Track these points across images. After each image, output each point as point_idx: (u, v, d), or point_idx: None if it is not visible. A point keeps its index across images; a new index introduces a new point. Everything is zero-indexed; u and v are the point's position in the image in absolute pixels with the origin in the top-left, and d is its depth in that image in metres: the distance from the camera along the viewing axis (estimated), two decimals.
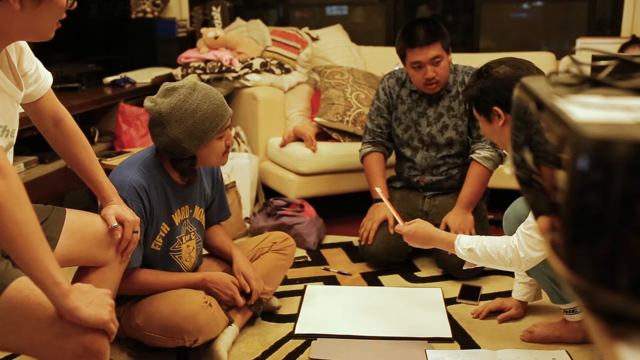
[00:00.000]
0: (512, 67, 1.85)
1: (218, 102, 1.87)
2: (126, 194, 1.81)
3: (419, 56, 2.52)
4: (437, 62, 2.53)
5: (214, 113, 1.84)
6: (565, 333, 2.00)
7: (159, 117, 1.82)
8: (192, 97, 1.82)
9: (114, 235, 1.64)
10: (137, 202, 1.83)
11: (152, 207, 1.88)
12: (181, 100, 1.81)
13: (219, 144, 1.90)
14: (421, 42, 2.51)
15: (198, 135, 1.83)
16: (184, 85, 1.85)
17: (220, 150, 1.91)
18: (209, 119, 1.83)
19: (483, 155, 2.54)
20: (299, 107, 3.43)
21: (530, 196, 0.77)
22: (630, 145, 0.50)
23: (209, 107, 1.83)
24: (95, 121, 3.33)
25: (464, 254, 1.92)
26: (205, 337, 1.90)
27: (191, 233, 2.04)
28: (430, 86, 2.58)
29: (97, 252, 1.63)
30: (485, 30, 4.07)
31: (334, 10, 4.40)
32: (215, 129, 1.85)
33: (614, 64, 0.73)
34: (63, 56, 3.40)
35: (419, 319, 2.21)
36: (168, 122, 1.81)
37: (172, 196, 1.95)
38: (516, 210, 1.97)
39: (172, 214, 1.96)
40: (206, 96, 1.84)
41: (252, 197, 3.21)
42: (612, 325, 0.55)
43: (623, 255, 0.51)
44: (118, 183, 1.81)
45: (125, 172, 1.86)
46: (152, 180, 1.89)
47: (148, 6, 3.99)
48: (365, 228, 2.67)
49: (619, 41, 3.28)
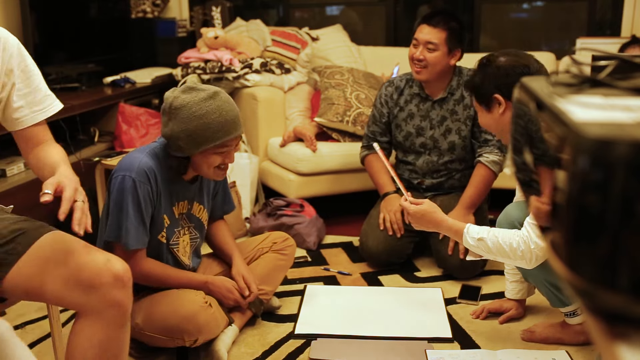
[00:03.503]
0: (514, 56, 1.91)
1: (229, 117, 1.84)
2: (135, 175, 1.82)
3: (420, 33, 2.55)
4: (430, 49, 2.53)
5: (220, 126, 1.82)
6: (566, 335, 2.00)
7: (168, 108, 1.84)
8: (206, 102, 1.81)
9: (41, 199, 1.35)
10: (145, 184, 1.84)
11: (159, 193, 1.89)
12: (194, 102, 1.81)
13: (215, 157, 1.87)
14: (431, 22, 2.53)
15: (197, 140, 1.82)
16: (206, 90, 1.84)
17: (214, 163, 1.88)
18: (213, 129, 1.81)
19: (491, 159, 2.53)
20: (299, 107, 3.43)
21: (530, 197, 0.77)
22: (630, 145, 0.50)
23: (218, 119, 1.81)
24: (95, 121, 3.33)
25: (473, 243, 1.86)
26: (205, 337, 1.90)
27: (186, 228, 2.04)
28: (416, 68, 2.57)
29: (70, 294, 1.35)
30: (486, 30, 4.07)
31: (334, 10, 4.40)
32: (215, 141, 1.83)
33: (614, 64, 0.73)
34: (63, 56, 3.39)
35: (419, 319, 2.21)
36: (174, 116, 1.82)
37: (175, 188, 1.96)
38: (509, 216, 1.97)
39: (173, 206, 1.97)
40: (220, 107, 1.82)
41: (252, 197, 3.21)
42: (612, 325, 0.55)
43: (623, 255, 0.51)
44: (127, 164, 1.84)
45: (135, 155, 1.88)
46: (161, 168, 1.90)
47: (148, 6, 3.99)
48: (390, 221, 2.61)
49: (619, 41, 3.28)
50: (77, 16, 3.58)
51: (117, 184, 1.84)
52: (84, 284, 1.33)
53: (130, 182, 1.82)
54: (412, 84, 2.69)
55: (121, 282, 1.36)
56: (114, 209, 1.85)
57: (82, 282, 1.34)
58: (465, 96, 2.60)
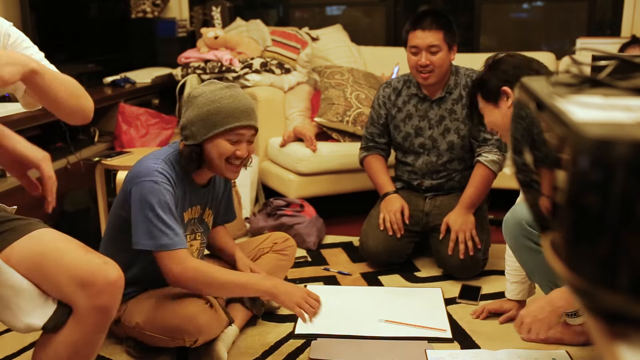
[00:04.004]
0: (522, 57, 1.98)
1: (242, 105, 1.85)
2: (158, 179, 1.80)
3: (417, 40, 2.53)
4: (433, 52, 2.52)
5: (231, 111, 1.83)
6: (567, 335, 2.00)
7: (188, 98, 1.89)
8: (222, 90, 1.86)
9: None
10: (167, 185, 1.82)
11: (176, 197, 1.88)
12: (211, 90, 1.86)
13: (226, 145, 1.85)
14: (423, 26, 2.51)
15: (207, 124, 1.83)
16: (224, 83, 1.91)
17: (225, 151, 1.85)
18: (223, 113, 1.82)
19: (490, 158, 2.53)
20: (299, 107, 3.43)
21: (531, 197, 0.77)
22: (630, 145, 0.50)
23: (230, 104, 1.83)
24: (95, 121, 3.31)
25: None
26: (205, 338, 1.90)
27: (197, 233, 2.04)
28: (423, 75, 2.55)
29: (61, 286, 1.35)
30: (486, 30, 4.07)
31: (334, 10, 4.40)
32: (224, 126, 1.82)
33: (614, 64, 0.73)
34: (63, 56, 3.39)
35: (419, 319, 2.21)
36: (192, 103, 1.86)
37: (188, 193, 1.95)
38: (516, 214, 1.96)
39: (185, 211, 1.96)
40: (234, 95, 1.85)
41: (252, 197, 3.21)
42: (612, 325, 0.55)
43: (623, 255, 0.51)
44: (145, 171, 1.82)
45: (149, 161, 1.86)
46: (175, 174, 1.89)
47: (148, 6, 3.99)
48: (390, 221, 2.61)
49: (619, 41, 3.28)
50: (77, 16, 3.58)
51: (139, 191, 1.79)
52: (76, 280, 1.33)
53: (153, 185, 1.79)
54: (409, 85, 2.68)
55: (112, 288, 1.36)
56: (141, 215, 1.79)
57: (75, 278, 1.33)
58: (464, 95, 2.60)
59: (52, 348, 1.37)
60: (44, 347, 1.38)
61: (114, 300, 1.38)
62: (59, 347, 1.36)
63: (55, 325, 1.35)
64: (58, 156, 2.87)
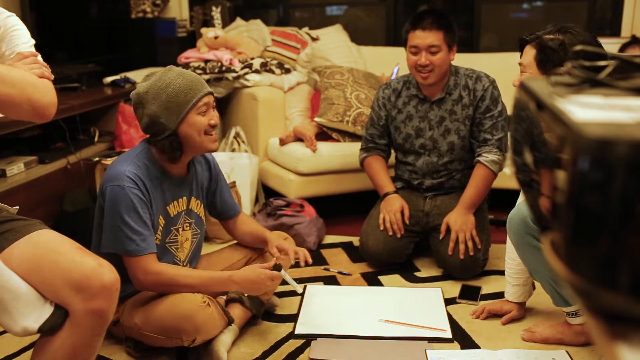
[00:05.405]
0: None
1: (193, 78, 1.91)
2: (124, 183, 1.83)
3: (417, 40, 2.52)
4: (433, 52, 2.52)
5: (188, 87, 1.88)
6: (567, 335, 2.00)
7: (138, 99, 1.89)
8: (166, 75, 1.89)
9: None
10: (136, 189, 1.84)
11: (150, 198, 1.89)
12: (156, 79, 1.88)
13: (200, 119, 1.90)
14: (423, 26, 2.51)
15: (174, 109, 1.86)
16: (159, 70, 1.93)
17: (201, 126, 1.90)
18: (183, 92, 1.86)
19: (490, 158, 2.53)
20: (299, 107, 3.43)
21: (531, 197, 0.77)
22: (630, 145, 0.50)
23: (183, 82, 1.88)
24: (95, 121, 3.33)
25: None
26: (204, 337, 1.90)
27: (186, 224, 2.05)
28: (422, 74, 2.54)
29: (57, 289, 1.36)
30: (486, 30, 4.07)
31: (334, 10, 4.40)
32: (190, 102, 1.87)
33: (614, 64, 0.73)
34: (63, 56, 3.39)
35: (419, 319, 2.21)
36: (146, 100, 1.87)
37: (167, 188, 1.96)
38: (521, 211, 1.96)
39: (167, 205, 1.97)
40: (180, 73, 1.90)
41: (252, 197, 3.21)
42: (612, 325, 0.55)
43: (623, 255, 0.51)
44: (113, 175, 1.85)
45: (119, 166, 1.88)
46: (147, 173, 1.90)
47: (148, 6, 3.99)
48: (390, 221, 2.61)
49: (619, 41, 3.28)
50: (77, 16, 3.58)
51: (107, 196, 1.85)
52: (72, 283, 1.33)
53: (119, 190, 1.83)
54: (409, 86, 2.68)
55: (108, 291, 1.36)
56: (110, 220, 1.85)
57: (70, 281, 1.34)
58: (464, 96, 2.59)
59: (50, 351, 1.37)
60: (42, 350, 1.38)
61: (110, 303, 1.37)
62: (56, 351, 1.37)
63: (51, 328, 1.35)
64: (58, 156, 2.86)
